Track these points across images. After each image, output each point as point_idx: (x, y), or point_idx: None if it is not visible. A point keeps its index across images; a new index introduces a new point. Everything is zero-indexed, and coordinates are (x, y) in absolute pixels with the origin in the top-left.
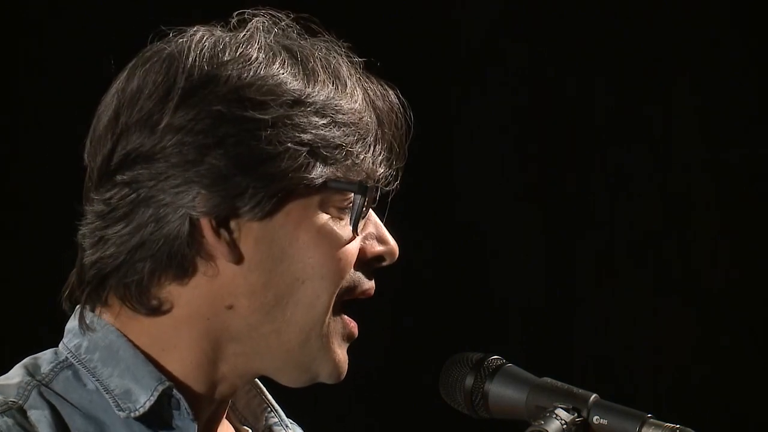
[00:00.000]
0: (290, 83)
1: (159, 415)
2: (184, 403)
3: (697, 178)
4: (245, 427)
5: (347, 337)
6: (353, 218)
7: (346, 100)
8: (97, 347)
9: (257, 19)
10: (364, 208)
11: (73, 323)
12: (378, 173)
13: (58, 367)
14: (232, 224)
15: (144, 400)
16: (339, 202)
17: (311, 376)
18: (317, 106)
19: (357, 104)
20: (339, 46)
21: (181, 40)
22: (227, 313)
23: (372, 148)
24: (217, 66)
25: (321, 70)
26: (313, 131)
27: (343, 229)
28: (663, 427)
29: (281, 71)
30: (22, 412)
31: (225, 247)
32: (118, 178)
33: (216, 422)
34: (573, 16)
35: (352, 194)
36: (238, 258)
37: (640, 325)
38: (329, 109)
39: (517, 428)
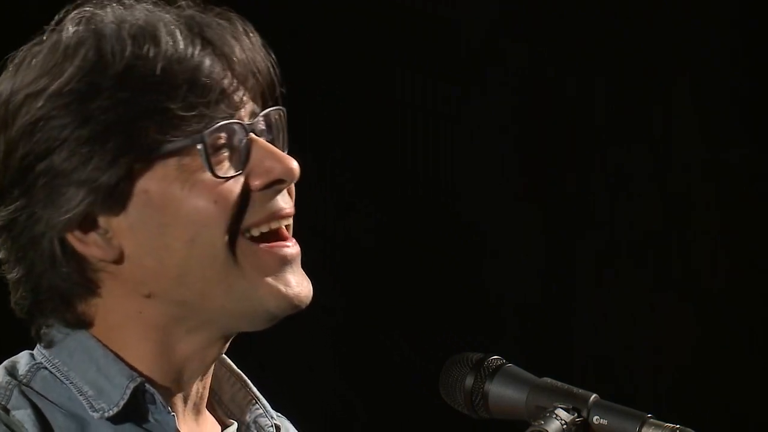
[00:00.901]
0: (86, 75)
1: (136, 411)
2: (158, 397)
3: (697, 178)
4: (231, 420)
5: (278, 262)
6: (205, 163)
7: (161, 57)
8: (69, 350)
9: (74, 13)
10: (225, 145)
11: (46, 331)
12: (237, 105)
13: (35, 367)
14: (101, 225)
15: (117, 399)
16: (198, 151)
17: (266, 316)
18: (119, 82)
19: (178, 53)
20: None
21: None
22: (151, 302)
23: (211, 89)
24: (25, 86)
25: (130, 40)
26: (120, 110)
27: (209, 174)
28: (663, 427)
29: (79, 66)
30: (6, 411)
31: (99, 251)
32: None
33: (198, 413)
34: (573, 16)
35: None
36: (118, 255)
37: (640, 325)
38: (135, 79)
39: (517, 428)
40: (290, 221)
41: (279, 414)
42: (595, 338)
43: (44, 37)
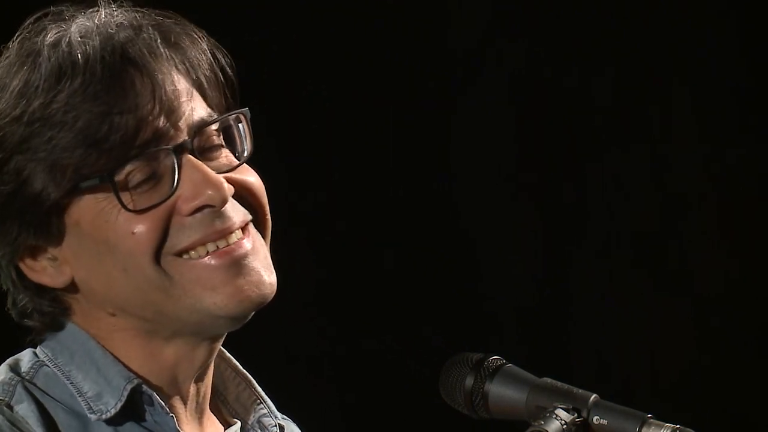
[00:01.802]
0: (13, 110)
1: (134, 413)
2: (156, 399)
3: (695, 178)
4: (235, 420)
5: (219, 270)
6: (117, 199)
7: (76, 93)
8: (70, 351)
9: (24, 33)
10: (148, 174)
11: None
12: (164, 129)
13: (37, 364)
14: (50, 254)
15: (115, 401)
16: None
17: (224, 321)
18: (39, 119)
19: (93, 89)
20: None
21: None
22: (119, 319)
23: (126, 123)
24: None
25: (54, 71)
26: (41, 148)
27: (132, 206)
28: (663, 427)
29: (7, 100)
30: (10, 408)
31: (50, 279)
32: None
33: (201, 414)
34: (570, 16)
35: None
36: (69, 280)
37: (640, 326)
38: (52, 117)
39: (517, 428)
40: (238, 233)
41: (285, 416)
42: (594, 338)
43: (0, 57)
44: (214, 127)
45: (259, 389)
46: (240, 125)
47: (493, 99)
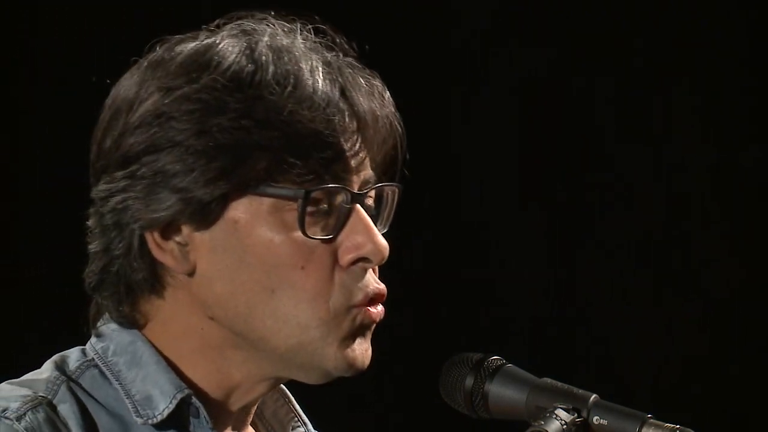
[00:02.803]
0: (219, 90)
1: (179, 422)
2: (203, 411)
3: (704, 180)
4: None
5: (355, 325)
6: (299, 220)
7: (295, 100)
8: (123, 351)
9: (236, 23)
10: (325, 206)
11: (103, 326)
12: (352, 169)
13: (85, 365)
14: (182, 236)
15: (163, 407)
16: (293, 206)
17: (321, 373)
18: (247, 107)
19: (313, 103)
20: (322, 39)
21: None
22: (214, 324)
23: (330, 147)
24: (160, 77)
25: (272, 71)
26: (237, 135)
27: (299, 231)
28: (663, 427)
29: (215, 78)
30: (52, 406)
31: (173, 261)
32: (93, 193)
33: (240, 429)
34: (576, 17)
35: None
36: (191, 269)
37: (640, 326)
38: (262, 111)
39: (517, 428)
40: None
41: None
42: (595, 338)
43: (199, 36)
44: (374, 189)
45: (297, 406)
46: (393, 198)
47: (497, 102)
